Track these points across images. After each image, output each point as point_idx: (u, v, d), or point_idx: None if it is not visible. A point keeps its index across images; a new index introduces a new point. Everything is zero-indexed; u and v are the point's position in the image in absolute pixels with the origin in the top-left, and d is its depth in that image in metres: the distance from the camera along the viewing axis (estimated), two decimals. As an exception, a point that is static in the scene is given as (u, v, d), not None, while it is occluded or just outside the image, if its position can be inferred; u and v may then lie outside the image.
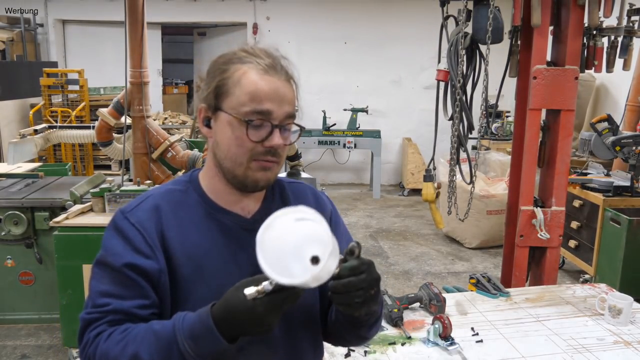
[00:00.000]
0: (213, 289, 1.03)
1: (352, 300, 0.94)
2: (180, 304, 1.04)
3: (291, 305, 0.90)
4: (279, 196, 1.18)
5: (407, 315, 1.94)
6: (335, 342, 1.28)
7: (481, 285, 2.19)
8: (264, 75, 1.01)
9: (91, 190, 3.02)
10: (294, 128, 1.07)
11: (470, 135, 2.75)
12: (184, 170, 3.75)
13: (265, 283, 0.87)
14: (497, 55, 2.71)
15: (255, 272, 0.92)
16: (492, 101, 4.37)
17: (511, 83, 2.75)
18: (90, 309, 1.01)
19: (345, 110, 7.23)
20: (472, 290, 2.20)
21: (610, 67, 2.64)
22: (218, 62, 1.06)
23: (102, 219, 2.85)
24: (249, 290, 0.87)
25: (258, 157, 1.03)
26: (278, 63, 1.05)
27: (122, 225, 1.04)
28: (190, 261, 1.04)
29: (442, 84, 2.70)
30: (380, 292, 1.03)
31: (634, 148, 3.70)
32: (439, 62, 2.65)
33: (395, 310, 1.88)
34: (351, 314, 0.98)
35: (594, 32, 2.55)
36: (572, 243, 4.19)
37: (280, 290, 0.87)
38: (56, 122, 5.96)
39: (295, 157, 3.67)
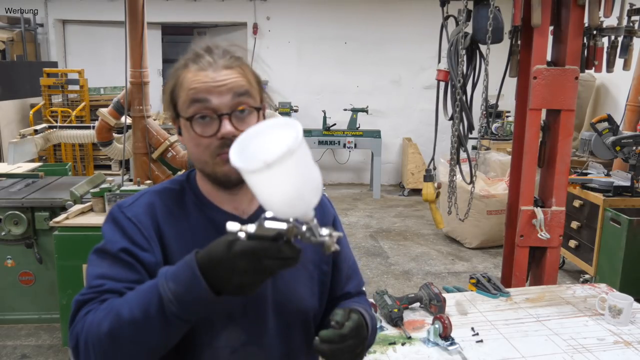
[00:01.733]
0: None
1: None
2: None
3: (272, 267, 0.83)
4: None
5: (407, 315, 1.94)
6: None
7: (481, 285, 2.19)
8: (198, 72, 1.02)
9: (91, 190, 3.02)
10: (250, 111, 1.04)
11: (470, 135, 2.75)
12: (183, 170, 3.74)
13: (250, 225, 0.84)
14: (497, 55, 2.71)
15: None
16: (492, 101, 4.36)
17: (511, 83, 2.75)
18: (85, 290, 0.99)
19: (345, 110, 7.22)
20: (472, 290, 2.20)
21: (610, 67, 2.64)
22: (171, 71, 1.09)
23: (102, 219, 2.84)
24: (232, 225, 0.84)
25: (219, 152, 1.02)
26: (217, 53, 1.04)
27: (118, 217, 1.06)
28: None
29: (442, 84, 2.70)
30: (366, 349, 1.07)
31: (634, 148, 3.71)
32: (439, 62, 2.65)
33: (395, 310, 1.88)
34: None
35: (594, 32, 2.55)
36: (572, 243, 4.19)
37: (261, 238, 0.83)
38: (56, 122, 5.96)
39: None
